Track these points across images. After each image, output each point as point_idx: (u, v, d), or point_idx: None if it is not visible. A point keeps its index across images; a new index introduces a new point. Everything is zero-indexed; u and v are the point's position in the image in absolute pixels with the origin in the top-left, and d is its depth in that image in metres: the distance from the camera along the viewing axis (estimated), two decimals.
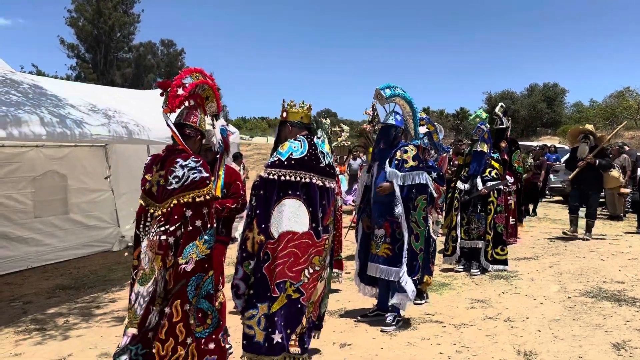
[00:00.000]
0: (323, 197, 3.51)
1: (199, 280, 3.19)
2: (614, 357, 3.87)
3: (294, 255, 3.37)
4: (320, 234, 3.46)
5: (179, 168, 3.23)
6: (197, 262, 3.17)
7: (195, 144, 3.51)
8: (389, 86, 4.83)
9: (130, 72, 43.74)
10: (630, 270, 6.61)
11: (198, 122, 3.47)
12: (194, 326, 3.18)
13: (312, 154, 3.52)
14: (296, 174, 3.44)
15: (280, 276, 3.34)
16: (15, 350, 4.35)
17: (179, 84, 3.32)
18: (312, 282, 3.44)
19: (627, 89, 34.08)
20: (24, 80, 6.36)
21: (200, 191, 3.21)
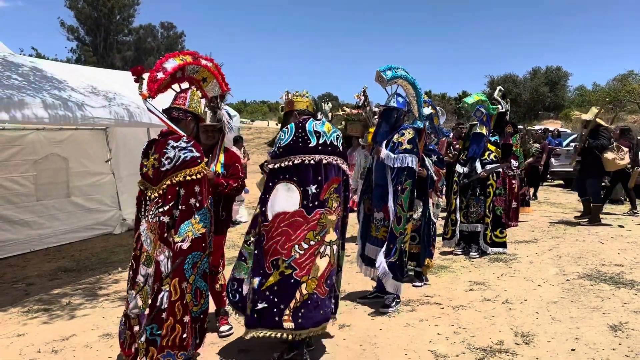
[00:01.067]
0: (318, 173, 3.62)
1: (196, 258, 3.25)
2: (611, 338, 3.91)
3: (286, 233, 3.52)
4: (312, 209, 3.57)
5: (170, 149, 3.30)
6: (193, 241, 3.23)
7: (188, 126, 3.54)
8: (391, 67, 4.78)
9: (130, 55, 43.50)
10: (629, 253, 6.64)
11: (187, 103, 3.50)
12: (192, 305, 3.25)
13: (299, 136, 3.66)
14: (284, 160, 3.63)
15: (274, 254, 3.51)
16: (19, 330, 4.40)
17: (159, 68, 3.34)
18: (307, 257, 3.51)
19: (630, 73, 33.90)
20: (24, 62, 6.33)
21: (191, 169, 3.27)
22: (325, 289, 3.58)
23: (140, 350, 3.25)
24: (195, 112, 3.59)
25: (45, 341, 4.14)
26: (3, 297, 5.36)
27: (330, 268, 3.61)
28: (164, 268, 3.25)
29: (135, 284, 3.40)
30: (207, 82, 3.72)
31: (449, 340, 3.98)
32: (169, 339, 3.16)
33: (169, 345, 3.16)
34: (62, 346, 4.03)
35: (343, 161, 3.78)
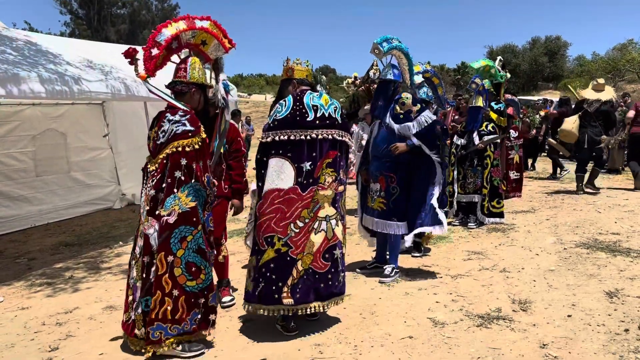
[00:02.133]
0: (313, 149, 3.60)
1: (185, 233, 3.19)
2: (607, 304, 3.97)
3: (280, 211, 3.52)
4: (307, 187, 3.56)
5: (166, 122, 3.27)
6: (180, 215, 3.18)
7: (193, 97, 3.44)
8: (386, 39, 4.74)
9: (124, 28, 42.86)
10: (626, 222, 6.70)
11: (189, 75, 3.39)
12: (184, 279, 3.20)
13: (297, 109, 3.62)
14: (279, 133, 3.59)
15: (267, 230, 3.52)
16: (23, 303, 4.46)
17: (152, 44, 3.23)
18: (303, 235, 3.54)
19: (630, 42, 33.63)
20: (18, 37, 6.26)
21: (179, 142, 3.21)
22: (324, 263, 3.59)
23: (138, 321, 3.27)
24: (199, 82, 3.45)
25: (49, 314, 4.20)
26: (6, 271, 5.41)
27: (327, 243, 3.60)
28: (153, 242, 3.22)
29: (133, 255, 3.43)
30: (208, 45, 3.52)
31: (448, 308, 4.04)
32: (158, 311, 3.16)
33: (159, 318, 3.16)
34: (66, 319, 4.09)
35: (343, 133, 3.72)
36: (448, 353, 3.27)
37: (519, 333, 3.52)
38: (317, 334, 3.63)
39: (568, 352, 3.22)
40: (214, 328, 3.42)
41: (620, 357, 3.13)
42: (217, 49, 3.56)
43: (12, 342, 3.68)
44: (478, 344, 3.38)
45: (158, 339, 3.18)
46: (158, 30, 3.29)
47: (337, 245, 3.66)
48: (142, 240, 3.31)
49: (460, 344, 3.39)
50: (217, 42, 3.51)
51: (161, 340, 3.18)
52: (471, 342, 3.41)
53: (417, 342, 3.44)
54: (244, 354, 3.36)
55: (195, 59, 3.47)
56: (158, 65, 3.30)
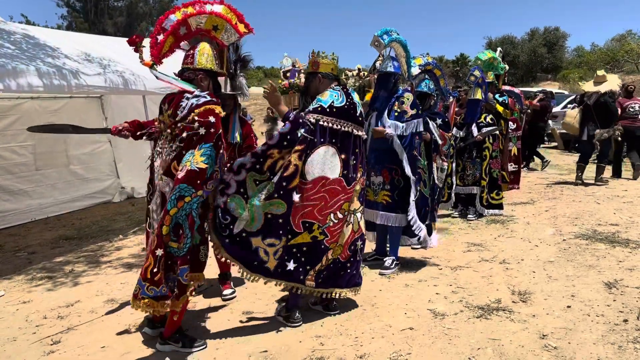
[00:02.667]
0: (357, 145, 3.70)
1: (185, 192, 3.04)
2: (606, 295, 3.99)
3: (324, 199, 3.53)
4: (352, 181, 3.65)
5: (184, 100, 3.16)
6: (187, 172, 3.03)
7: (201, 84, 3.33)
8: (387, 31, 4.74)
9: (122, 20, 42.61)
10: (625, 213, 6.71)
11: (195, 61, 3.30)
12: (169, 238, 3.05)
13: (350, 103, 3.65)
14: (336, 121, 3.56)
15: (308, 216, 3.51)
16: (24, 297, 4.46)
17: (159, 30, 3.14)
18: (339, 226, 3.62)
19: (629, 32, 33.60)
20: (15, 30, 6.23)
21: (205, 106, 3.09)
22: (348, 253, 3.73)
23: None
24: (206, 68, 3.34)
25: (51, 307, 4.21)
26: (6, 265, 5.41)
27: (353, 235, 3.73)
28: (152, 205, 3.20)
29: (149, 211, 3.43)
30: (220, 30, 3.37)
31: (448, 299, 4.06)
32: (143, 267, 3.06)
33: (141, 274, 3.05)
34: (67, 312, 4.10)
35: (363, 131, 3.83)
36: (448, 344, 3.29)
37: (518, 324, 3.54)
38: (318, 326, 3.65)
39: (567, 342, 3.25)
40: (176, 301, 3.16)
41: (619, 347, 3.15)
42: (230, 35, 3.43)
43: (14, 335, 3.69)
44: (478, 334, 3.40)
45: (135, 294, 3.08)
46: (165, 16, 3.20)
47: (360, 238, 3.81)
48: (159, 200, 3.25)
49: (460, 335, 3.41)
50: (230, 26, 3.38)
51: (137, 296, 3.06)
52: (471, 333, 3.43)
53: (418, 334, 3.46)
54: (245, 346, 3.37)
55: (205, 45, 3.35)
56: (165, 52, 3.20)
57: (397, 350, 3.24)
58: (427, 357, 3.15)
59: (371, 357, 3.17)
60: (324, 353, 3.23)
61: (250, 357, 3.23)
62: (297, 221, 3.50)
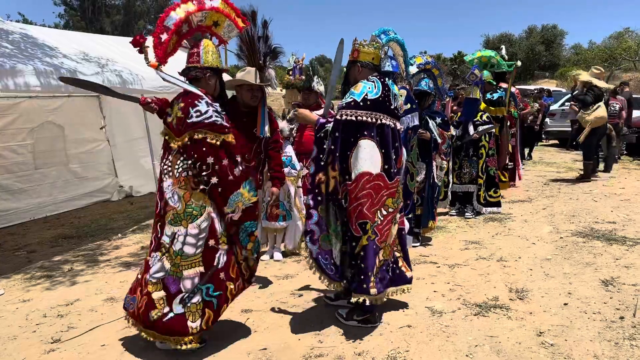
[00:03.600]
0: (395, 139, 3.53)
1: (252, 228, 3.22)
2: (602, 292, 4.02)
3: (370, 196, 3.41)
4: (393, 175, 3.50)
5: (204, 104, 3.08)
6: (244, 211, 3.13)
7: (209, 83, 3.29)
8: (384, 31, 4.74)
9: (119, 19, 42.53)
10: (622, 210, 6.75)
11: (202, 60, 3.23)
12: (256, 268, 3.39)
13: (386, 95, 3.49)
14: (371, 114, 3.42)
15: (361, 217, 3.41)
16: (24, 296, 4.48)
17: (161, 29, 3.06)
18: (386, 224, 3.50)
19: (626, 30, 33.61)
20: (14, 29, 6.23)
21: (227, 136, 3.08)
22: (392, 254, 3.71)
23: (193, 312, 3.10)
24: (213, 66, 3.28)
25: (51, 306, 4.22)
26: (5, 264, 5.42)
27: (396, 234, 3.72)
28: (217, 226, 3.12)
29: (160, 245, 3.16)
30: (220, 25, 3.33)
31: (445, 297, 4.08)
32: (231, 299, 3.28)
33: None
34: (67, 310, 4.12)
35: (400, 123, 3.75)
36: (446, 341, 3.32)
37: (515, 321, 3.57)
38: (317, 324, 3.67)
39: (564, 339, 3.27)
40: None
41: (615, 344, 3.18)
42: (230, 30, 3.39)
43: (14, 334, 3.71)
44: (476, 332, 3.43)
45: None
46: (166, 14, 3.10)
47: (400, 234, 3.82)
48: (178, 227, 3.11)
49: (458, 332, 3.44)
50: (230, 21, 3.32)
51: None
52: (469, 330, 3.46)
53: (416, 331, 3.48)
54: (245, 344, 3.39)
55: (208, 42, 3.30)
56: (169, 51, 3.14)
57: (395, 347, 3.26)
58: (425, 354, 3.17)
59: (369, 354, 3.19)
60: (323, 350, 3.25)
61: (250, 355, 3.25)
62: (355, 226, 3.41)
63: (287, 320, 3.75)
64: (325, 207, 3.48)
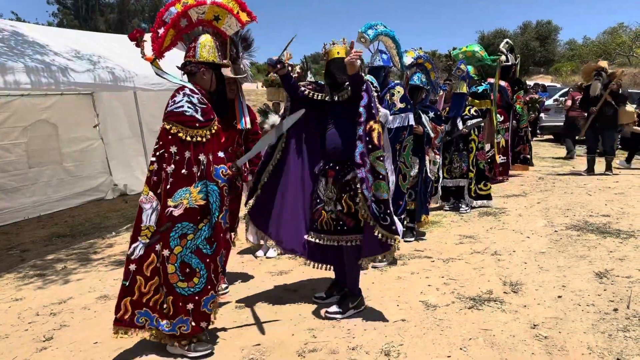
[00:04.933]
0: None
1: (187, 230, 3.05)
2: (596, 285, 4.02)
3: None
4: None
5: (181, 94, 3.10)
6: (186, 210, 3.03)
7: (203, 77, 3.26)
8: (371, 26, 4.72)
9: (113, 17, 42.39)
10: (616, 204, 6.76)
11: (197, 54, 3.20)
12: (175, 278, 3.05)
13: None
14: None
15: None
16: (16, 295, 4.45)
17: (160, 24, 3.07)
18: None
19: (620, 25, 33.67)
20: (4, 27, 6.17)
21: (195, 131, 3.05)
22: None
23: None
24: (208, 61, 3.24)
25: (43, 304, 4.20)
26: None
27: None
28: (145, 218, 3.06)
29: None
30: (222, 20, 3.28)
31: (439, 291, 4.08)
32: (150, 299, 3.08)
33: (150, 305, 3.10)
34: (60, 309, 4.09)
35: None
36: (440, 335, 3.31)
37: (510, 314, 3.57)
38: (311, 319, 3.66)
39: (558, 331, 3.27)
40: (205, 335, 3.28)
41: (609, 336, 3.18)
42: (232, 24, 3.34)
43: (6, 332, 3.68)
44: (469, 325, 3.42)
45: (142, 326, 3.11)
46: (166, 8, 3.10)
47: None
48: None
49: (452, 325, 3.43)
50: (232, 16, 3.28)
51: (144, 328, 3.12)
52: (463, 323, 3.45)
53: (410, 325, 3.48)
54: (238, 340, 3.38)
55: (207, 37, 3.25)
56: (167, 45, 3.12)
57: (389, 341, 3.25)
58: (419, 348, 3.16)
59: (363, 348, 3.18)
60: (317, 345, 3.24)
61: (243, 351, 3.23)
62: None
63: (280, 316, 3.74)
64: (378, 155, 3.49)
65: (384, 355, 3.09)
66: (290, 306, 3.92)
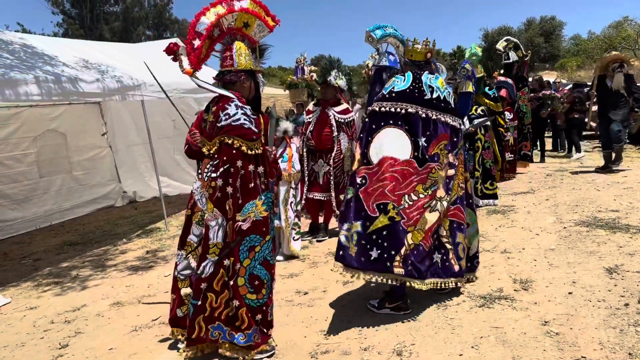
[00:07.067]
0: (427, 127, 3.69)
1: (254, 242, 3.08)
2: (607, 280, 4.01)
3: (395, 180, 3.57)
4: (424, 162, 3.64)
5: (233, 107, 3.05)
6: (253, 222, 3.06)
7: (243, 85, 3.23)
8: (379, 27, 4.76)
9: (118, 25, 42.65)
10: (625, 199, 6.73)
11: (235, 63, 3.18)
12: (245, 290, 3.06)
13: (415, 86, 3.73)
14: (396, 105, 3.67)
15: (381, 197, 3.53)
16: (31, 303, 4.51)
17: (193, 35, 3.03)
18: (416, 209, 3.57)
19: (625, 19, 33.46)
20: (13, 40, 6.26)
21: (253, 143, 3.05)
22: (430, 241, 3.61)
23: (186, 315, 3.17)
24: (247, 69, 3.22)
25: (58, 312, 4.26)
26: (12, 272, 5.47)
27: (438, 223, 3.67)
28: (212, 235, 3.05)
29: (185, 244, 3.28)
30: (251, 26, 3.25)
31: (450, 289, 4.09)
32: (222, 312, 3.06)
33: (222, 319, 3.07)
34: (74, 316, 4.15)
35: (454, 118, 3.88)
36: (451, 334, 3.33)
37: (520, 312, 3.57)
38: (323, 321, 3.68)
39: (569, 328, 3.28)
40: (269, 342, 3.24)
41: (620, 331, 3.18)
42: (260, 30, 3.32)
43: (22, 341, 3.74)
44: (481, 323, 3.43)
45: (215, 339, 3.10)
46: (197, 19, 3.05)
47: (440, 226, 3.73)
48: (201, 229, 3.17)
49: (463, 324, 3.45)
50: (260, 21, 3.27)
51: (217, 341, 3.11)
52: (474, 322, 3.47)
53: (421, 324, 3.50)
54: None
55: (240, 45, 3.22)
56: (202, 57, 3.11)
57: (400, 341, 3.27)
58: (431, 347, 3.18)
59: (375, 349, 3.20)
60: (329, 347, 3.27)
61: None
62: (371, 206, 3.52)
63: (292, 318, 3.77)
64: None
65: (396, 355, 3.11)
66: (301, 308, 3.95)
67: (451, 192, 3.76)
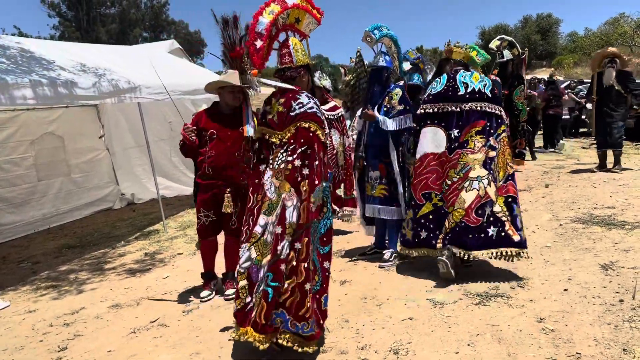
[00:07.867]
0: (460, 119, 4.34)
1: (314, 226, 3.09)
2: (602, 276, 4.04)
3: (436, 172, 4.35)
4: (453, 150, 4.31)
5: (305, 97, 3.14)
6: (317, 207, 3.09)
7: (303, 80, 3.32)
8: (377, 27, 4.81)
9: (114, 27, 42.63)
10: (621, 195, 6.76)
11: (294, 60, 3.25)
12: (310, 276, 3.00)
13: (449, 86, 4.41)
14: (434, 106, 4.43)
15: (425, 188, 4.36)
16: (30, 306, 4.53)
17: (254, 37, 3.06)
18: (452, 192, 4.24)
19: (622, 15, 33.59)
20: (10, 44, 6.25)
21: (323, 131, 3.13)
22: (477, 218, 4.11)
23: (258, 305, 2.98)
24: (305, 64, 3.31)
25: (56, 315, 4.27)
26: (11, 276, 5.48)
27: (479, 200, 4.13)
28: (288, 215, 3.00)
29: (250, 236, 3.14)
30: (302, 21, 3.31)
31: (446, 288, 4.11)
32: (287, 298, 2.93)
33: (286, 306, 2.94)
34: (73, 319, 4.17)
35: (493, 105, 4.34)
36: (448, 332, 3.35)
37: (516, 309, 3.60)
38: None
39: (565, 324, 3.30)
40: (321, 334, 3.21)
41: (615, 327, 3.20)
42: (310, 23, 3.39)
43: (21, 344, 3.76)
44: (477, 321, 3.46)
45: (276, 327, 2.97)
46: (255, 20, 3.09)
47: (488, 203, 4.14)
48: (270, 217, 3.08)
49: (459, 322, 3.47)
50: (309, 15, 3.31)
51: (278, 330, 2.98)
52: (470, 320, 3.49)
53: (418, 323, 3.52)
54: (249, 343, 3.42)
55: (296, 41, 3.30)
56: (265, 56, 3.15)
57: (397, 340, 3.29)
58: (427, 345, 3.20)
59: (372, 348, 3.22)
60: (326, 346, 3.29)
61: (255, 353, 3.28)
62: (418, 195, 4.37)
63: None
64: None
65: (393, 353, 3.13)
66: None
67: (494, 171, 4.23)
